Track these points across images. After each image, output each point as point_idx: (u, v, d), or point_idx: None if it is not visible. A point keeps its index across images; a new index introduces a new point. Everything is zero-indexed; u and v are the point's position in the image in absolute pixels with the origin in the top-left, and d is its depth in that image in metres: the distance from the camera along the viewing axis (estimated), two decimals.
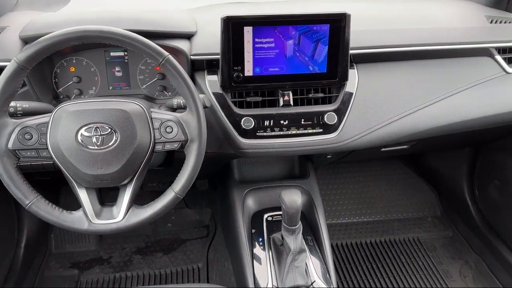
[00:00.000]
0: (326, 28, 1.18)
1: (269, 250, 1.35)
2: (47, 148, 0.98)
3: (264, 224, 1.45)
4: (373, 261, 2.05)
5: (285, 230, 1.24)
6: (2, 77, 0.93)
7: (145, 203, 1.05)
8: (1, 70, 0.95)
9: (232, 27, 1.14)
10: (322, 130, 1.26)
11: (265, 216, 1.47)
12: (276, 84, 1.24)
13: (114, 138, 0.98)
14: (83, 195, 1.02)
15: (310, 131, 1.26)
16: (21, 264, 1.82)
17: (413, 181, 2.40)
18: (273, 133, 1.25)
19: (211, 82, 1.24)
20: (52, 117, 0.98)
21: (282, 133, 1.25)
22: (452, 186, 2.16)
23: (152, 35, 1.12)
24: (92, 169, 0.98)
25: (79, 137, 0.97)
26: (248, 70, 1.21)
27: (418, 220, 2.30)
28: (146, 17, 1.27)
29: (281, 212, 1.22)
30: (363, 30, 1.34)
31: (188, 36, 1.28)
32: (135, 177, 1.03)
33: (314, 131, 1.26)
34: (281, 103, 1.25)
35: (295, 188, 1.28)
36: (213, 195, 2.23)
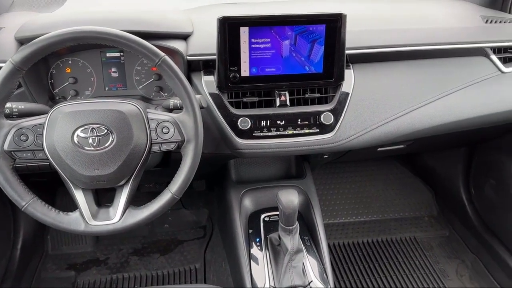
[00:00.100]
0: (322, 29, 1.19)
1: (266, 250, 1.35)
2: (43, 149, 0.97)
3: (261, 224, 1.45)
4: (370, 261, 2.05)
5: (282, 230, 1.24)
6: None
7: (142, 204, 1.05)
8: None
9: (229, 28, 1.15)
10: (319, 130, 1.26)
11: (262, 216, 1.47)
12: (273, 85, 1.25)
13: (111, 139, 0.98)
14: (80, 196, 1.02)
15: (307, 131, 1.26)
16: (18, 266, 1.81)
17: (410, 181, 2.41)
18: (270, 133, 1.25)
19: (208, 83, 1.24)
20: (48, 118, 0.98)
21: (279, 133, 1.25)
22: (448, 186, 2.16)
23: (148, 36, 1.12)
24: (89, 170, 0.97)
25: (75, 138, 0.96)
26: (245, 71, 1.21)
27: (415, 220, 2.30)
28: (142, 18, 1.26)
29: (278, 212, 1.23)
30: (359, 30, 1.34)
31: (185, 37, 1.28)
32: (132, 178, 1.03)
33: (311, 131, 1.26)
34: (278, 104, 1.25)
35: (292, 188, 1.28)
36: (210, 196, 2.22)
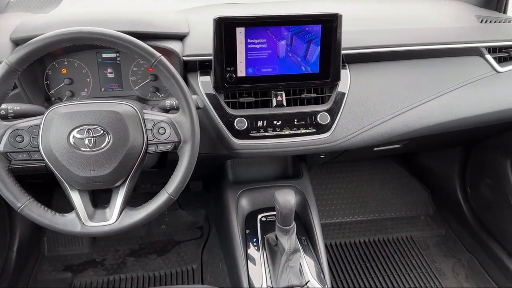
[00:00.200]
0: (318, 29, 1.19)
1: (263, 251, 1.36)
2: (39, 151, 0.97)
3: (258, 225, 1.45)
4: (367, 260, 2.06)
5: (279, 230, 1.24)
6: None
7: (139, 205, 1.04)
8: None
9: (225, 28, 1.15)
10: (315, 130, 1.27)
11: (259, 217, 1.47)
12: (269, 85, 1.25)
13: (107, 140, 0.98)
14: (76, 198, 1.02)
15: (303, 131, 1.26)
16: (14, 268, 1.80)
17: (406, 180, 2.42)
18: (266, 134, 1.25)
19: (204, 83, 1.24)
20: (44, 119, 0.98)
21: (275, 134, 1.25)
22: (445, 185, 2.17)
23: (144, 36, 1.12)
24: (85, 171, 0.97)
25: (71, 139, 0.96)
26: (241, 71, 1.21)
27: (411, 219, 2.31)
28: (138, 18, 1.26)
29: (275, 213, 1.23)
30: (355, 31, 1.34)
31: (181, 37, 1.28)
32: (128, 179, 1.02)
33: (307, 131, 1.26)
34: (274, 104, 1.25)
35: (289, 188, 1.29)
36: (207, 196, 2.22)
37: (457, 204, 2.10)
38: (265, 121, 1.24)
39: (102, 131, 0.97)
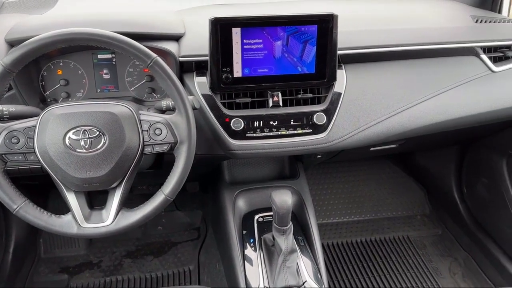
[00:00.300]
0: (314, 29, 1.19)
1: (260, 251, 1.35)
2: (35, 152, 0.97)
3: (255, 225, 1.45)
4: (364, 260, 2.06)
5: (276, 231, 1.24)
6: None
7: (135, 206, 1.04)
8: None
9: (221, 29, 1.14)
10: (312, 131, 1.27)
11: (256, 217, 1.47)
12: (265, 85, 1.25)
13: (103, 141, 0.97)
14: (72, 199, 1.01)
15: (300, 132, 1.26)
16: (10, 270, 1.79)
17: (402, 180, 2.42)
18: (263, 134, 1.25)
19: (200, 84, 1.24)
20: (39, 121, 0.97)
21: (272, 134, 1.25)
22: (441, 185, 2.18)
23: (140, 37, 1.12)
24: (81, 173, 0.97)
25: (67, 141, 0.96)
26: (237, 71, 1.21)
27: (408, 219, 2.32)
28: (134, 19, 1.26)
29: (272, 213, 1.23)
30: (351, 31, 1.35)
31: (176, 38, 1.28)
32: (124, 180, 1.02)
33: (304, 132, 1.27)
34: (271, 104, 1.25)
35: (286, 189, 1.28)
36: (204, 197, 2.22)
37: (454, 204, 2.11)
38: (262, 122, 1.24)
39: (98, 132, 0.97)
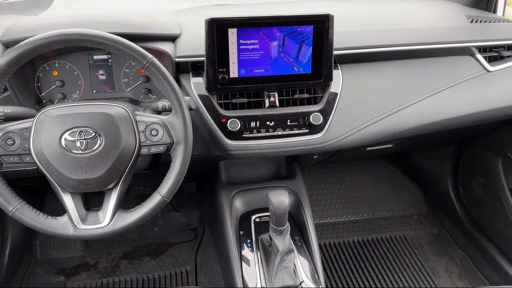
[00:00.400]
0: (310, 29, 1.19)
1: (258, 251, 1.35)
2: (31, 154, 0.96)
3: (252, 226, 1.45)
4: (361, 260, 2.06)
5: (273, 231, 1.24)
6: None
7: (131, 207, 1.04)
8: None
9: (217, 29, 1.14)
10: (308, 131, 1.27)
11: (253, 218, 1.47)
12: (262, 86, 1.25)
13: (99, 142, 0.97)
14: (68, 200, 1.01)
15: (296, 132, 1.26)
16: (6, 272, 1.78)
17: (399, 180, 2.43)
18: (260, 134, 1.25)
19: (197, 84, 1.23)
20: (35, 122, 0.97)
21: (268, 134, 1.25)
22: (437, 184, 2.18)
23: (136, 38, 1.12)
24: (77, 174, 0.97)
25: (63, 142, 0.95)
26: (233, 72, 1.21)
27: (404, 218, 2.32)
28: (130, 20, 1.26)
29: (269, 213, 1.23)
30: (347, 31, 1.35)
31: (173, 38, 1.27)
32: (121, 181, 1.02)
33: (300, 132, 1.27)
34: (267, 104, 1.26)
35: (282, 189, 1.29)
36: (201, 198, 2.22)
37: (450, 203, 2.12)
38: (258, 122, 1.24)
39: (94, 133, 0.97)
